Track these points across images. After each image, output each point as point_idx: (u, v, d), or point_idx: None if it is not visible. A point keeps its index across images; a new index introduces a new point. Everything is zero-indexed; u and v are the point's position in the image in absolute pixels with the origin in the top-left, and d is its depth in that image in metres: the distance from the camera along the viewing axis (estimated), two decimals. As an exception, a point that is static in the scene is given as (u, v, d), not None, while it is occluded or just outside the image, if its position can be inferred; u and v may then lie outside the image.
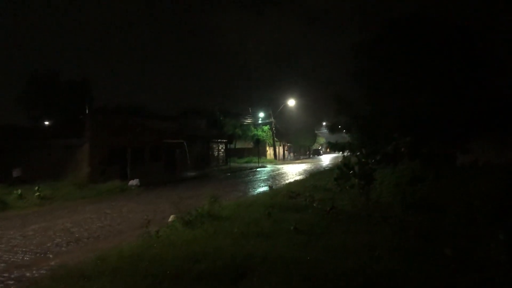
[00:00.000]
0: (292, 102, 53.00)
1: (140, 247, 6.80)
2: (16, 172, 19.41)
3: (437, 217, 7.83)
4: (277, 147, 56.98)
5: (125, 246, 7.05)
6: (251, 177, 26.59)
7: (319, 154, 79.26)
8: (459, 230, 6.82)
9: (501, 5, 16.95)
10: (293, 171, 30.16)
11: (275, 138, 55.15)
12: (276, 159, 53.71)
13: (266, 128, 53.65)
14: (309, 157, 70.31)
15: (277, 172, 30.60)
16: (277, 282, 4.85)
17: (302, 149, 75.78)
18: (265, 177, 26.10)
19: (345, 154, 16.97)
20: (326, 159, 56.15)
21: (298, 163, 46.98)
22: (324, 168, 28.28)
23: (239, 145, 52.62)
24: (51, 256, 7.68)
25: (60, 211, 13.48)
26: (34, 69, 69.16)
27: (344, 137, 23.27)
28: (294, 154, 71.31)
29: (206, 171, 30.93)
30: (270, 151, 55.57)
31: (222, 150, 41.12)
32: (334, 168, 16.62)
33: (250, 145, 51.79)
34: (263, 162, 44.37)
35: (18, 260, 7.45)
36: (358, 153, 10.47)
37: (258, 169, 35.19)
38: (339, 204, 9.31)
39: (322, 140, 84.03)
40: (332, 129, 19.25)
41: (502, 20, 17.36)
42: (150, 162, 26.32)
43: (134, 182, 20.82)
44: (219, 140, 40.00)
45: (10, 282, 6.19)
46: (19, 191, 15.72)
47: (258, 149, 44.74)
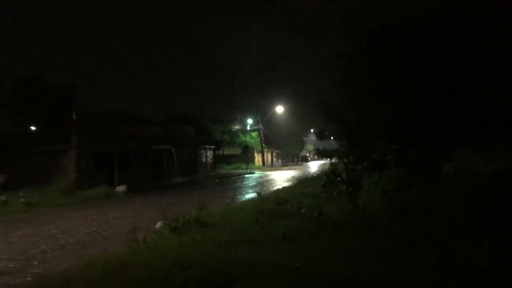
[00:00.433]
0: (280, 109, 53.19)
1: (127, 254, 6.73)
2: (0, 178, 19.09)
3: (423, 224, 7.89)
4: (265, 154, 57.08)
5: (111, 253, 6.98)
6: (239, 183, 26.55)
7: (307, 160, 79.55)
8: (445, 237, 6.90)
9: (488, 14, 17.29)
10: (281, 178, 30.19)
11: (264, 145, 55.28)
12: (264, 166, 53.81)
13: (254, 134, 53.75)
14: (297, 164, 70.45)
15: (265, 178, 30.62)
16: (265, 289, 4.84)
17: (290, 155, 75.98)
18: (253, 183, 26.09)
19: (333, 161, 17.10)
20: (314, 166, 56.36)
21: (286, 169, 47.06)
22: (312, 174, 28.36)
23: (227, 151, 52.58)
24: (36, 263, 7.56)
25: (46, 217, 13.29)
26: (19, 74, 68.38)
27: (332, 144, 23.42)
28: (282, 160, 71.43)
29: (193, 178, 30.82)
30: (258, 158, 55.61)
31: (210, 156, 41.02)
32: (322, 174, 16.69)
33: (239, 151, 51.80)
34: (251, 169, 44.37)
35: (2, 267, 7.31)
36: (346, 160, 10.51)
37: (246, 176, 35.17)
38: (327, 210, 9.34)
39: (310, 147, 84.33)
40: (319, 136, 19.28)
41: (490, 29, 17.73)
42: (138, 168, 26.14)
43: (121, 188, 20.64)
44: (207, 146, 39.91)
45: (-7, 290, 6.07)
46: (3, 197, 15.45)
47: (246, 156, 44.81)
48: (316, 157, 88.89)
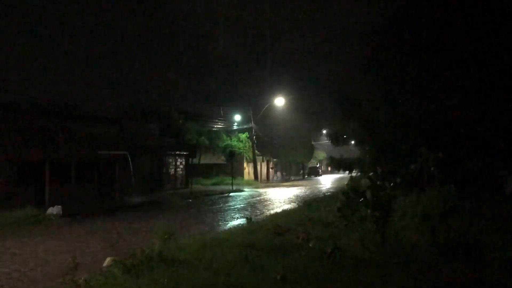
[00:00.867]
0: (280, 102, 53.14)
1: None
2: None
3: (479, 266, 7.90)
4: (258, 164, 57.10)
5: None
6: (221, 205, 26.53)
7: (317, 174, 79.79)
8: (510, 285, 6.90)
9: None
10: (281, 198, 30.23)
11: (257, 151, 55.19)
12: (257, 180, 53.86)
13: (243, 136, 53.57)
14: (304, 178, 70.63)
15: (258, 198, 30.65)
16: None
17: (293, 166, 76.10)
18: (242, 205, 26.10)
19: (354, 174, 17.15)
20: (327, 181, 56.45)
21: (288, 186, 47.09)
22: (323, 193, 28.36)
23: (206, 159, 52.41)
24: None
25: None
26: None
27: (352, 151, 23.45)
28: (282, 173, 71.55)
29: (158, 196, 30.71)
30: (249, 169, 55.58)
31: (182, 166, 40.91)
32: (338, 193, 16.69)
33: (221, 159, 51.65)
34: (239, 184, 44.38)
35: None
36: (371, 174, 10.54)
37: (232, 194, 35.20)
38: (344, 244, 9.32)
39: (321, 154, 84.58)
40: (335, 139, 19.31)
41: None
42: (79, 182, 25.98)
43: (54, 210, 20.49)
44: (177, 152, 39.81)
45: None
46: None
47: (232, 166, 44.67)
48: (329, 168, 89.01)
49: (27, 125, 23.73)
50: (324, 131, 66.55)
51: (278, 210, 20.72)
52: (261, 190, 39.40)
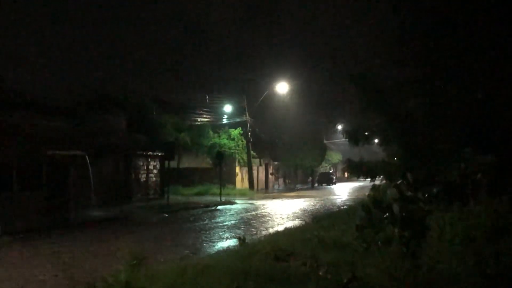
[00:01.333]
0: (283, 88, 52.95)
1: None
2: None
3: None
4: (255, 168, 57.06)
5: None
6: (206, 221, 26.57)
7: (331, 181, 79.74)
8: None
9: None
10: (283, 212, 30.31)
11: (252, 152, 55.11)
12: (253, 190, 53.96)
13: (235, 133, 53.52)
14: (313, 187, 70.65)
15: (254, 213, 30.71)
16: None
17: (300, 172, 76.09)
18: (233, 221, 26.16)
19: (377, 182, 17.18)
20: (343, 191, 56.53)
21: (293, 197, 47.13)
22: (338, 207, 28.43)
23: (187, 162, 52.46)
24: None
25: None
26: None
27: (375, 152, 23.44)
28: (286, 181, 71.51)
29: (124, 209, 30.63)
30: (242, 175, 55.60)
31: (155, 171, 40.87)
32: (356, 207, 16.67)
33: (206, 162, 51.68)
34: (229, 195, 44.41)
35: None
36: (400, 182, 10.54)
37: (220, 208, 35.21)
38: (364, 273, 9.36)
39: (336, 157, 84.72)
40: (354, 137, 19.27)
41: None
42: (22, 191, 25.88)
43: (-10, 227, 20.49)
44: (150, 153, 39.77)
45: None
46: None
47: (220, 171, 44.53)
48: (346, 175, 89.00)
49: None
50: (340, 127, 66.57)
51: (280, 228, 20.75)
52: (258, 203, 39.44)
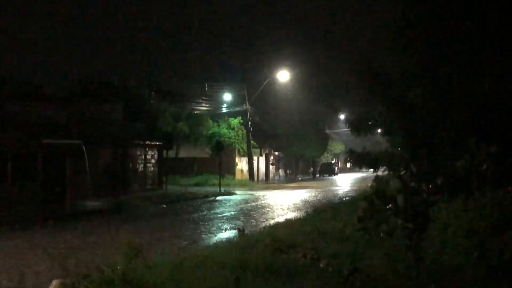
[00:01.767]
0: (284, 76, 52.83)
1: None
2: None
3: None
4: (255, 158, 57.09)
5: None
6: (205, 212, 26.62)
7: (333, 172, 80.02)
8: None
9: None
10: (284, 203, 30.35)
11: (253, 142, 55.08)
12: (253, 180, 54.12)
13: (235, 122, 53.55)
14: (314, 178, 70.68)
15: (254, 204, 30.76)
16: None
17: (301, 162, 76.12)
18: (232, 212, 26.21)
19: (380, 173, 17.12)
20: (345, 182, 56.58)
21: (294, 187, 47.18)
22: (340, 198, 28.42)
23: (185, 152, 52.46)
24: None
25: None
26: None
27: (378, 142, 23.36)
28: (287, 171, 71.60)
29: (121, 200, 30.68)
30: (242, 165, 55.60)
31: (153, 161, 40.85)
32: (359, 198, 16.62)
33: (206, 152, 51.68)
34: (229, 186, 44.36)
35: None
36: (404, 173, 10.48)
37: (219, 198, 35.26)
38: (365, 265, 9.31)
39: (338, 147, 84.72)
40: (356, 127, 19.19)
41: None
42: (17, 180, 25.87)
43: (-16, 217, 20.49)
44: (148, 142, 39.74)
45: None
46: None
47: (220, 161, 44.49)
48: (349, 165, 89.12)
49: None
50: (342, 116, 66.49)
51: (280, 219, 20.79)
52: (258, 193, 39.48)
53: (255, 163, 56.59)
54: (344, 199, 26.79)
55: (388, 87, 17.33)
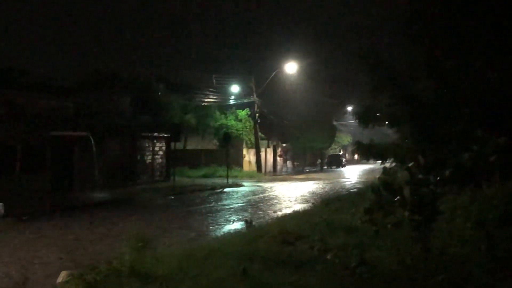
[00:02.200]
0: (291, 68, 52.72)
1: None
2: None
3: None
4: (263, 150, 56.95)
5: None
6: (213, 203, 26.64)
7: (340, 164, 79.90)
8: None
9: None
10: (291, 195, 30.35)
11: (260, 134, 54.97)
12: (260, 172, 54.01)
13: (243, 114, 53.43)
14: (322, 170, 70.52)
15: (261, 195, 30.75)
16: None
17: (309, 154, 75.97)
18: (240, 204, 26.22)
19: (387, 165, 17.14)
20: (353, 174, 56.43)
21: (301, 179, 47.07)
22: (347, 190, 28.38)
23: (193, 144, 52.43)
24: None
25: None
26: None
27: (385, 134, 23.33)
28: (294, 163, 71.53)
29: (129, 191, 30.74)
30: (250, 157, 55.51)
31: (161, 152, 40.86)
32: (366, 190, 16.63)
33: (213, 144, 51.64)
34: (236, 177, 44.50)
35: None
36: (411, 165, 10.50)
37: (227, 190, 35.23)
38: (373, 256, 9.35)
39: (346, 139, 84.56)
40: (364, 119, 19.18)
41: None
42: (25, 172, 25.95)
43: (-6, 208, 20.57)
44: (156, 134, 39.73)
45: None
46: None
47: (227, 153, 44.41)
48: (356, 157, 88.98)
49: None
50: (350, 108, 66.45)
51: (287, 211, 20.81)
52: (266, 185, 39.43)
53: (262, 155, 56.41)
54: (352, 190, 26.77)
55: (396, 78, 17.32)
